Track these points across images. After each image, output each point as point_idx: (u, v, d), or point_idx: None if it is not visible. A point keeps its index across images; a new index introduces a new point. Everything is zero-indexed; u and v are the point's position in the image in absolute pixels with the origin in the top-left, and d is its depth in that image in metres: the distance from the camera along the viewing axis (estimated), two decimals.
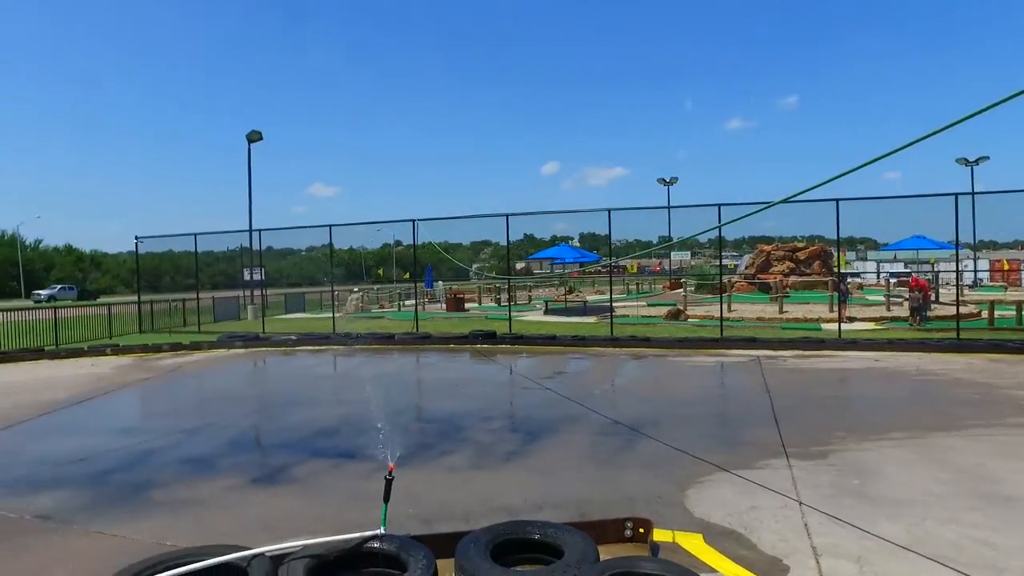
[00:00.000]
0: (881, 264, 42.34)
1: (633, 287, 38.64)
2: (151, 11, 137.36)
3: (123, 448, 6.65)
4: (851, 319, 17.38)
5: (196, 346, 15.51)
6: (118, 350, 14.88)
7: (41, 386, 10.48)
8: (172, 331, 19.80)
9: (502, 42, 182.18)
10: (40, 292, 52.31)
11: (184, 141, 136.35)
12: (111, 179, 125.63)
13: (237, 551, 3.42)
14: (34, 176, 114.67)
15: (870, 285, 35.08)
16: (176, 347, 15.36)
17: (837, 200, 13.97)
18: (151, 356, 14.29)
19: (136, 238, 21.12)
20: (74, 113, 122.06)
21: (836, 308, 17.19)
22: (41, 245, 73.59)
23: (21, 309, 19.49)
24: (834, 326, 14.94)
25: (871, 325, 17.07)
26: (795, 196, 7.00)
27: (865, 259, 49.15)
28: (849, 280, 27.35)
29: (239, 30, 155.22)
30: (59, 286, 55.66)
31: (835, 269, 22.33)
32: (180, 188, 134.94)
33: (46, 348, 15.32)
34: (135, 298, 21.49)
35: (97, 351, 14.81)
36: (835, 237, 14.93)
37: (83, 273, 71.98)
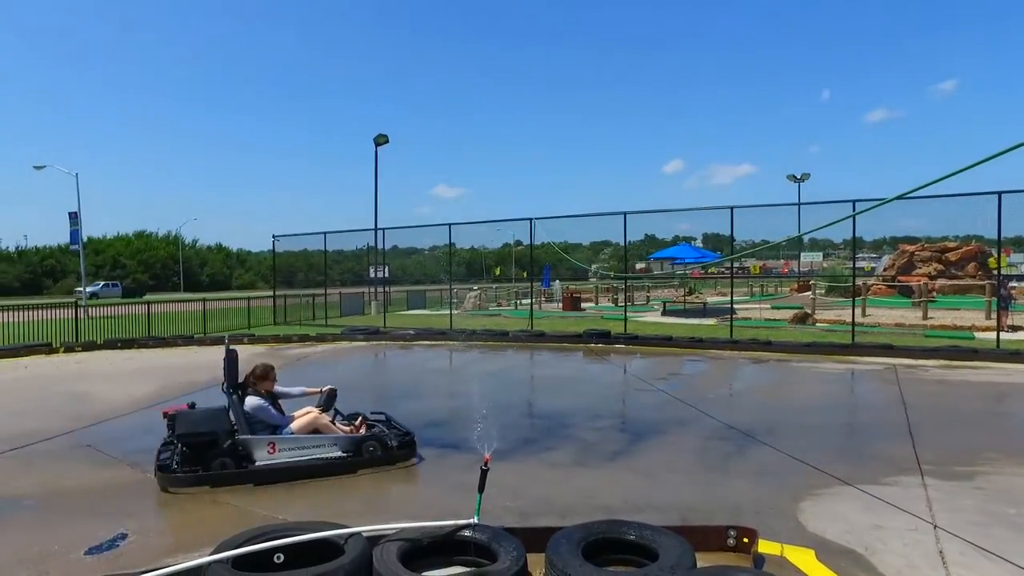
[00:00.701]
0: None
1: (757, 289, 36.74)
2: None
3: None
4: (1014, 328, 15.46)
5: (322, 338, 16.51)
6: (254, 339, 16.17)
7: (189, 368, 11.58)
8: (302, 323, 21.18)
9: (623, 37, 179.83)
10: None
11: (319, 145, 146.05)
12: (256, 182, 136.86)
13: (337, 528, 3.57)
14: (192, 179, 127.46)
15: None
16: (304, 338, 16.42)
17: (1000, 193, 12.13)
18: (282, 346, 15.38)
19: (273, 236, 22.82)
20: (219, 120, 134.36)
21: (995, 315, 15.36)
22: (197, 244, 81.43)
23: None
24: (991, 335, 13.31)
25: None
26: (918, 188, 6.27)
27: None
28: (1013, 284, 24.32)
29: (367, 33, 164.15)
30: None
31: (995, 271, 19.98)
32: (315, 191, 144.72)
33: (195, 335, 16.95)
34: (271, 293, 23.21)
35: (236, 340, 16.09)
36: (995, 236, 13.25)
37: (230, 269, 78.79)
